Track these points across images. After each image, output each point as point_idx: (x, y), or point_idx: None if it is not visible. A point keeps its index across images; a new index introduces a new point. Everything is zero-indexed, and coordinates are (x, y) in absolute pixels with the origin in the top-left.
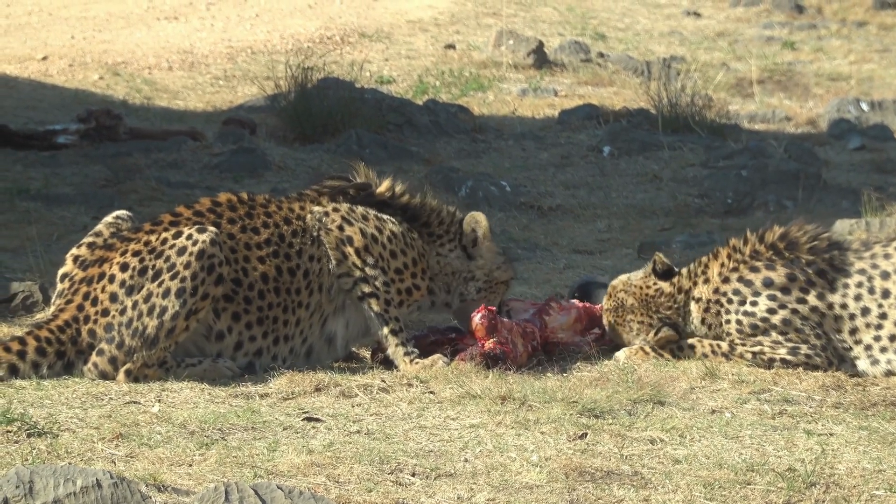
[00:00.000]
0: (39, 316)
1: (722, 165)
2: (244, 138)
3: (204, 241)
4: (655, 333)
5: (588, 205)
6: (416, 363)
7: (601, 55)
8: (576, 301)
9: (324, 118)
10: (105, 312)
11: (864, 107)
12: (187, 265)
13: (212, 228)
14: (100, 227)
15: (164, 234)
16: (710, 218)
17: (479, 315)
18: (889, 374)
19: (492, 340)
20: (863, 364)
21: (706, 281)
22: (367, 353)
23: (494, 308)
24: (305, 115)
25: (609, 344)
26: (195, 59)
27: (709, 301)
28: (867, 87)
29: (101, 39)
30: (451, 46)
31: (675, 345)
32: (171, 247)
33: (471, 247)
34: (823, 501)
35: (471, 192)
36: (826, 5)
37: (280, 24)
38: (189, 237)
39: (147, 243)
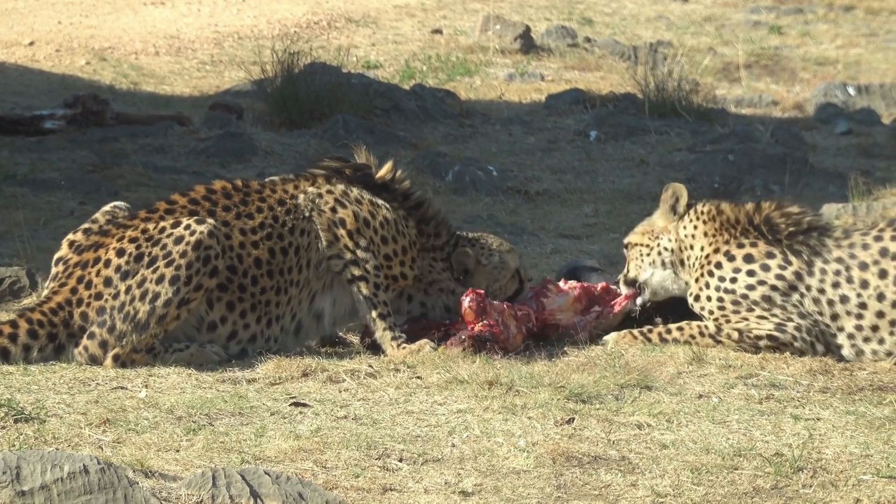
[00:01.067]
0: (27, 301)
1: (709, 150)
2: (231, 123)
3: (202, 233)
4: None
5: (575, 189)
6: (404, 348)
7: (588, 40)
8: (572, 282)
9: (310, 103)
10: (98, 296)
11: (851, 91)
12: (183, 254)
13: (210, 220)
14: (97, 215)
15: (161, 223)
16: None
17: (468, 299)
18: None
19: (481, 323)
20: (847, 352)
21: (705, 235)
22: (354, 338)
23: (483, 291)
24: (292, 100)
25: (607, 325)
26: (182, 44)
27: (701, 265)
28: (854, 72)
29: (87, 25)
30: (437, 31)
31: (664, 328)
32: (169, 235)
33: (462, 278)
34: (811, 486)
35: (458, 176)
36: None
37: (267, 9)
38: (187, 227)
39: (144, 231)
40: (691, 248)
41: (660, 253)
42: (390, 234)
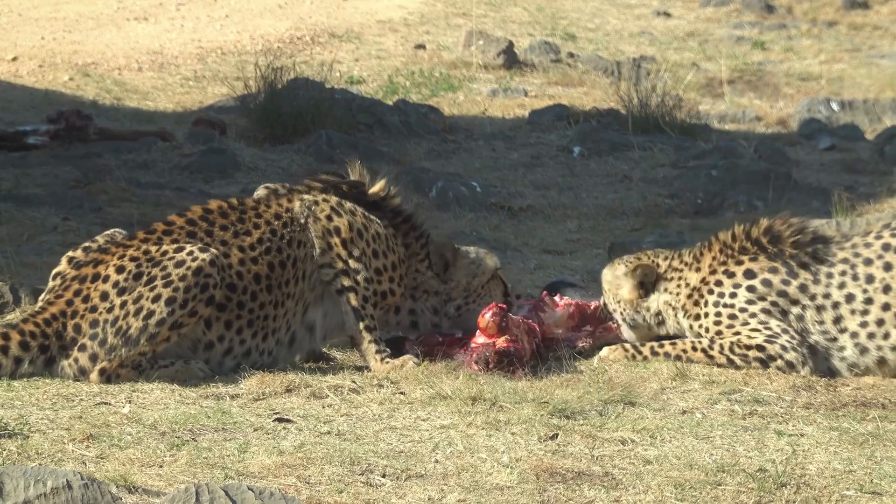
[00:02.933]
0: (10, 317)
1: (692, 165)
2: (214, 139)
3: (203, 260)
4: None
5: (558, 205)
6: (387, 363)
7: (571, 55)
8: (567, 298)
9: (294, 119)
10: (93, 309)
11: (835, 107)
12: (183, 277)
13: (213, 250)
14: (97, 237)
15: (164, 247)
16: (681, 218)
17: (490, 313)
18: (881, 361)
19: (503, 338)
20: (850, 353)
21: (697, 269)
22: (338, 354)
23: (505, 306)
24: (275, 115)
25: (602, 341)
26: (165, 59)
27: (693, 288)
28: (837, 87)
29: (71, 40)
30: (421, 46)
31: (657, 342)
32: (171, 258)
33: (443, 273)
34: (794, 502)
35: (441, 192)
36: (796, 5)
37: (250, 25)
38: (190, 253)
39: (146, 252)
40: (678, 295)
41: (623, 319)
42: (381, 249)
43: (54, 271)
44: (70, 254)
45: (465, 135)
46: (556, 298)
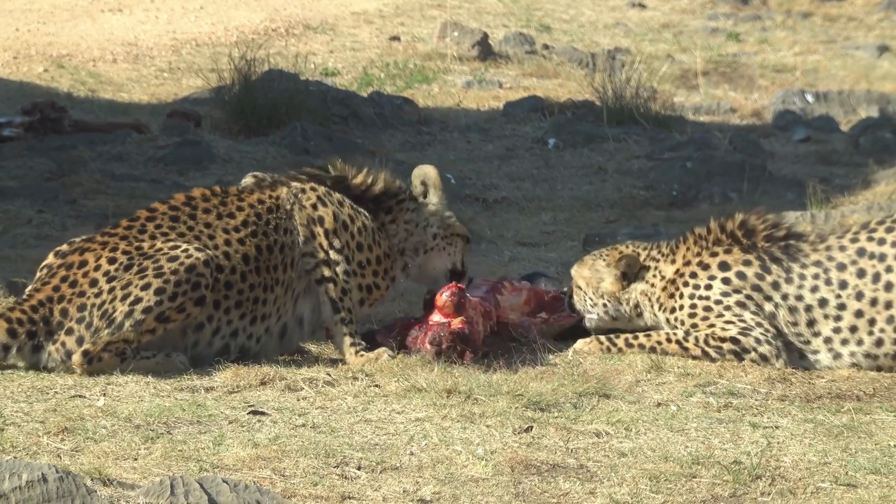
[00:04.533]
0: None
1: (667, 157)
2: (189, 131)
3: (197, 259)
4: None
5: (533, 197)
6: (362, 356)
7: (546, 47)
8: (525, 283)
9: (268, 110)
10: (81, 294)
11: (810, 98)
12: (175, 272)
13: (210, 251)
14: (81, 237)
15: (159, 244)
16: (656, 210)
17: (449, 292)
18: (854, 367)
19: (459, 319)
20: (824, 357)
21: (672, 262)
22: (312, 346)
23: (463, 286)
24: (250, 107)
25: (556, 328)
26: (140, 51)
27: (668, 280)
28: (812, 79)
29: (45, 32)
30: (395, 38)
31: (631, 334)
32: (164, 254)
33: (422, 198)
34: (769, 494)
35: None
36: None
37: (225, 16)
38: (185, 251)
39: (139, 248)
40: (653, 286)
41: (606, 312)
42: (366, 242)
43: (42, 264)
44: (57, 248)
45: (439, 127)
46: (514, 282)
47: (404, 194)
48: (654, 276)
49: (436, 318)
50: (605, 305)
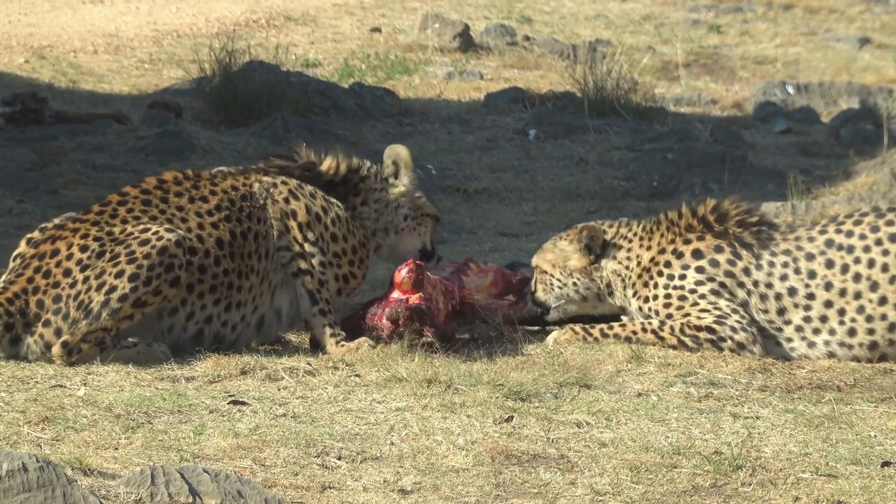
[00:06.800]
0: None
1: (648, 148)
2: (170, 122)
3: (169, 240)
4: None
5: (514, 188)
6: (343, 346)
7: (527, 38)
8: (492, 265)
9: (249, 102)
10: (56, 285)
11: (790, 90)
12: (147, 256)
13: (181, 231)
14: (53, 220)
15: (129, 228)
16: (636, 201)
17: (406, 269)
18: (831, 356)
19: (417, 295)
20: (799, 345)
21: (648, 248)
22: (292, 336)
23: (422, 263)
24: (231, 98)
25: (524, 313)
26: (121, 42)
27: (644, 268)
28: (793, 71)
29: (26, 23)
30: (376, 30)
31: (606, 325)
32: (135, 238)
33: (393, 178)
34: (750, 484)
35: None
36: None
37: (206, 7)
38: (155, 233)
39: (110, 233)
40: (628, 268)
41: (577, 290)
42: (341, 233)
43: (14, 253)
44: (28, 235)
45: (420, 118)
46: (481, 264)
47: (367, 169)
48: (630, 258)
49: (395, 294)
50: (575, 284)
